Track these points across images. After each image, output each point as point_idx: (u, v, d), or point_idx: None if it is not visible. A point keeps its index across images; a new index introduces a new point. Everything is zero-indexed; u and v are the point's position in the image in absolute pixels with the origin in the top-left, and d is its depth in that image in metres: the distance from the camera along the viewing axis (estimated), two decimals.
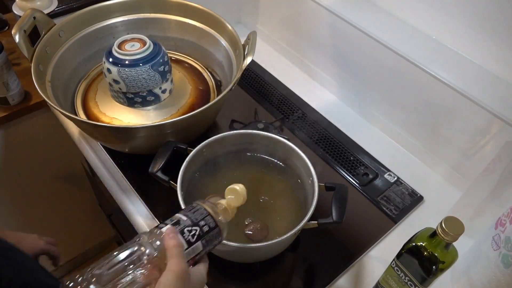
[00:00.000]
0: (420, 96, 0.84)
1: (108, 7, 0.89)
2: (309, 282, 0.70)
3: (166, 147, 0.68)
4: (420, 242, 0.53)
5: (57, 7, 1.00)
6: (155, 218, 0.76)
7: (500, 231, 0.59)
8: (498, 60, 0.76)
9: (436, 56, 0.81)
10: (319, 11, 0.96)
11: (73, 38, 0.86)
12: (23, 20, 0.76)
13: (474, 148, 0.80)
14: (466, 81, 0.76)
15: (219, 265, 0.69)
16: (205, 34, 0.92)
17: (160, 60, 0.78)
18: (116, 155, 0.84)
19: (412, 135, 0.90)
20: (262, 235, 0.65)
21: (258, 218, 0.67)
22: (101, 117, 0.82)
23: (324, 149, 0.90)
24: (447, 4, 0.78)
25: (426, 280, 0.54)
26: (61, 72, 0.84)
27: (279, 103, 0.99)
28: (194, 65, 0.96)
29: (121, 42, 0.78)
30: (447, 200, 0.80)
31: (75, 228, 1.49)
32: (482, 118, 0.74)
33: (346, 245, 0.74)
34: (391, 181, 0.84)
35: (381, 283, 0.63)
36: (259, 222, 0.66)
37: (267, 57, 1.14)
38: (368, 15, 0.90)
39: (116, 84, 0.77)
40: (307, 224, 0.60)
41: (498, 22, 0.73)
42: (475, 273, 0.64)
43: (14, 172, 1.16)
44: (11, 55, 1.06)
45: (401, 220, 0.78)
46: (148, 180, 0.73)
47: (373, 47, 0.87)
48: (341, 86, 1.02)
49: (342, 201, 0.62)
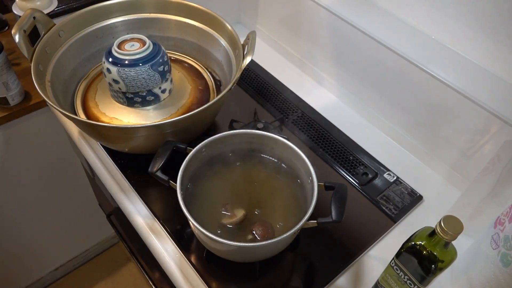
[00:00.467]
0: (419, 96, 0.84)
1: (107, 7, 0.89)
2: (309, 282, 0.70)
3: (165, 147, 0.68)
4: (419, 241, 0.53)
5: (57, 7, 1.00)
6: (154, 218, 0.76)
7: (499, 230, 0.60)
8: (497, 60, 0.76)
9: (435, 56, 0.81)
10: (319, 11, 0.96)
11: (73, 38, 0.86)
12: (23, 20, 0.76)
13: (473, 148, 0.80)
14: (465, 81, 0.76)
15: (219, 265, 0.70)
16: (205, 34, 0.92)
17: (159, 60, 0.78)
18: (116, 155, 0.84)
19: (411, 135, 0.90)
20: (269, 234, 0.65)
21: (259, 218, 0.67)
22: (100, 117, 0.82)
23: (324, 148, 0.90)
24: (446, 4, 0.78)
25: (425, 279, 0.54)
26: (61, 72, 0.84)
27: (278, 103, 0.99)
28: (193, 65, 0.96)
29: (120, 42, 0.78)
30: (447, 199, 0.80)
31: (75, 228, 1.49)
32: (481, 118, 0.75)
33: (345, 244, 0.74)
34: (390, 180, 0.84)
35: (380, 282, 0.63)
36: (264, 223, 0.66)
37: (266, 57, 1.14)
38: (367, 15, 0.91)
39: (115, 84, 0.78)
40: (307, 224, 0.60)
41: (497, 22, 0.73)
42: (474, 272, 0.64)
43: (14, 172, 1.16)
44: (11, 55, 1.06)
45: (401, 219, 0.79)
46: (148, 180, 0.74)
47: (372, 47, 0.87)
48: (340, 85, 1.02)
49: (342, 200, 0.62)
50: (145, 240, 0.75)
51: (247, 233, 0.65)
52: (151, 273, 1.10)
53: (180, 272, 0.69)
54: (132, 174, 0.82)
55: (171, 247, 0.72)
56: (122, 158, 0.84)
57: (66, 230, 1.47)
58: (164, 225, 0.75)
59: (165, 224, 0.75)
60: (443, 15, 0.80)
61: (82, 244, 1.61)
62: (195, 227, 0.59)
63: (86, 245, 1.62)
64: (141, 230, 0.75)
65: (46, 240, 1.43)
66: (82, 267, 1.66)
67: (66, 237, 1.50)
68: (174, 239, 0.73)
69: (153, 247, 0.73)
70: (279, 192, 0.71)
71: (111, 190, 0.81)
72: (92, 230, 1.58)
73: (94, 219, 1.49)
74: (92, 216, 1.48)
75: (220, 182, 0.72)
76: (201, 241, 0.67)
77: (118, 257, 1.70)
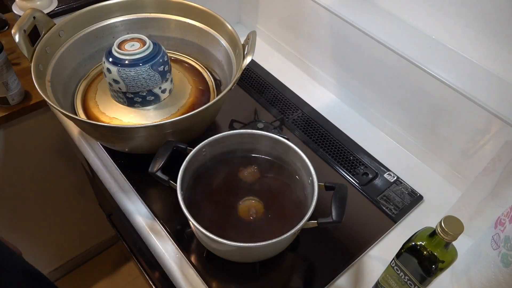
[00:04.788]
0: (419, 96, 0.84)
1: (108, 7, 0.89)
2: (309, 282, 0.70)
3: (166, 147, 0.68)
4: (420, 242, 0.53)
5: (57, 7, 1.00)
6: (155, 218, 0.76)
7: (499, 230, 0.60)
8: (498, 60, 0.76)
9: (435, 55, 0.81)
10: (319, 11, 0.96)
11: (73, 37, 0.86)
12: (23, 20, 0.76)
13: (474, 148, 0.80)
14: (465, 81, 0.76)
15: (219, 265, 0.70)
16: (205, 34, 0.92)
17: (160, 60, 0.78)
18: (116, 154, 0.84)
19: (411, 135, 0.90)
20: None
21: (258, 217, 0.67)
22: (101, 117, 0.82)
23: (324, 148, 0.90)
24: (446, 4, 0.78)
25: (425, 280, 0.54)
26: (61, 72, 0.84)
27: (278, 103, 0.99)
28: (194, 65, 0.96)
29: (121, 42, 0.78)
30: (447, 199, 0.80)
31: (75, 228, 1.49)
32: (482, 118, 0.75)
33: (345, 244, 0.74)
34: (390, 180, 0.84)
35: (380, 282, 0.63)
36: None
37: (266, 57, 1.14)
38: (368, 15, 0.91)
39: (116, 84, 0.77)
40: (307, 224, 0.60)
41: (497, 22, 0.73)
42: (475, 273, 0.64)
43: (14, 172, 1.16)
44: (11, 55, 1.06)
45: (401, 219, 0.79)
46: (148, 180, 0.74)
47: (373, 47, 0.87)
48: (340, 85, 1.02)
49: (342, 200, 0.62)
50: (145, 240, 0.75)
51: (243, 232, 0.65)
52: (151, 273, 1.10)
53: (180, 272, 0.69)
54: (132, 174, 0.82)
55: (171, 247, 0.72)
56: (122, 158, 0.84)
57: (66, 230, 1.47)
58: (164, 225, 0.75)
59: (165, 224, 0.75)
60: (443, 14, 0.80)
61: (82, 244, 1.61)
62: (195, 227, 0.59)
63: (86, 245, 1.62)
64: (141, 230, 0.75)
65: (46, 240, 1.43)
66: (82, 267, 1.66)
67: (66, 237, 1.50)
68: (174, 239, 0.73)
69: (153, 247, 0.73)
70: (279, 192, 0.71)
71: (111, 190, 0.81)
72: (92, 230, 1.58)
73: (94, 219, 1.49)
74: (92, 216, 1.48)
75: (220, 182, 0.72)
76: (201, 241, 0.67)
77: (118, 256, 1.70)
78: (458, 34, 0.79)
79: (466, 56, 0.80)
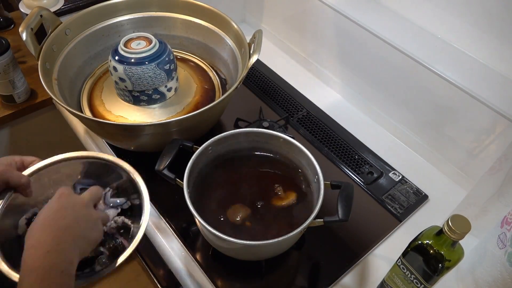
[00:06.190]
0: (425, 95, 0.84)
1: (114, 6, 0.90)
2: (314, 280, 0.70)
3: (172, 145, 0.68)
4: (426, 240, 0.53)
5: (64, 5, 1.01)
6: (161, 216, 0.76)
7: (506, 229, 0.60)
8: (504, 59, 0.76)
9: (441, 55, 0.81)
10: (324, 9, 0.96)
11: (79, 36, 0.87)
12: (30, 18, 0.77)
13: (479, 147, 0.80)
14: (471, 80, 0.76)
15: (225, 263, 0.70)
16: (211, 32, 0.92)
17: (165, 59, 0.78)
18: (122, 152, 0.85)
19: (417, 134, 0.90)
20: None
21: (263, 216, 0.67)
22: (106, 115, 0.82)
23: (329, 147, 0.90)
24: (452, 3, 0.78)
25: (432, 278, 0.54)
26: (67, 70, 0.84)
27: (284, 102, 1.00)
28: (199, 63, 0.96)
29: (127, 41, 0.79)
30: (452, 199, 0.80)
31: None
32: (488, 117, 0.74)
33: (351, 243, 0.74)
34: (396, 180, 0.84)
35: (386, 281, 0.63)
36: None
37: (272, 55, 1.14)
38: (373, 14, 0.90)
39: (122, 82, 0.78)
40: (313, 222, 0.61)
41: (504, 21, 0.73)
42: (481, 272, 0.64)
43: None
44: (17, 53, 1.06)
45: (406, 218, 0.78)
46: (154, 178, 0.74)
47: (378, 46, 0.87)
48: (346, 84, 1.02)
49: (348, 199, 0.62)
50: (151, 237, 0.75)
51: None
52: (156, 270, 1.10)
53: (186, 270, 0.70)
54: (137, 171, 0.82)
55: (177, 245, 0.73)
56: (127, 156, 0.84)
57: None
58: (170, 223, 0.75)
59: (171, 222, 0.75)
60: (449, 14, 0.80)
61: None
62: (202, 225, 0.59)
63: None
64: (147, 228, 0.75)
65: None
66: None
67: None
68: (180, 237, 0.73)
69: (159, 245, 0.74)
70: (285, 191, 0.71)
71: None
72: None
73: None
74: None
75: (226, 180, 0.72)
76: (207, 239, 0.67)
77: None
78: (464, 33, 0.79)
79: (472, 55, 0.79)
